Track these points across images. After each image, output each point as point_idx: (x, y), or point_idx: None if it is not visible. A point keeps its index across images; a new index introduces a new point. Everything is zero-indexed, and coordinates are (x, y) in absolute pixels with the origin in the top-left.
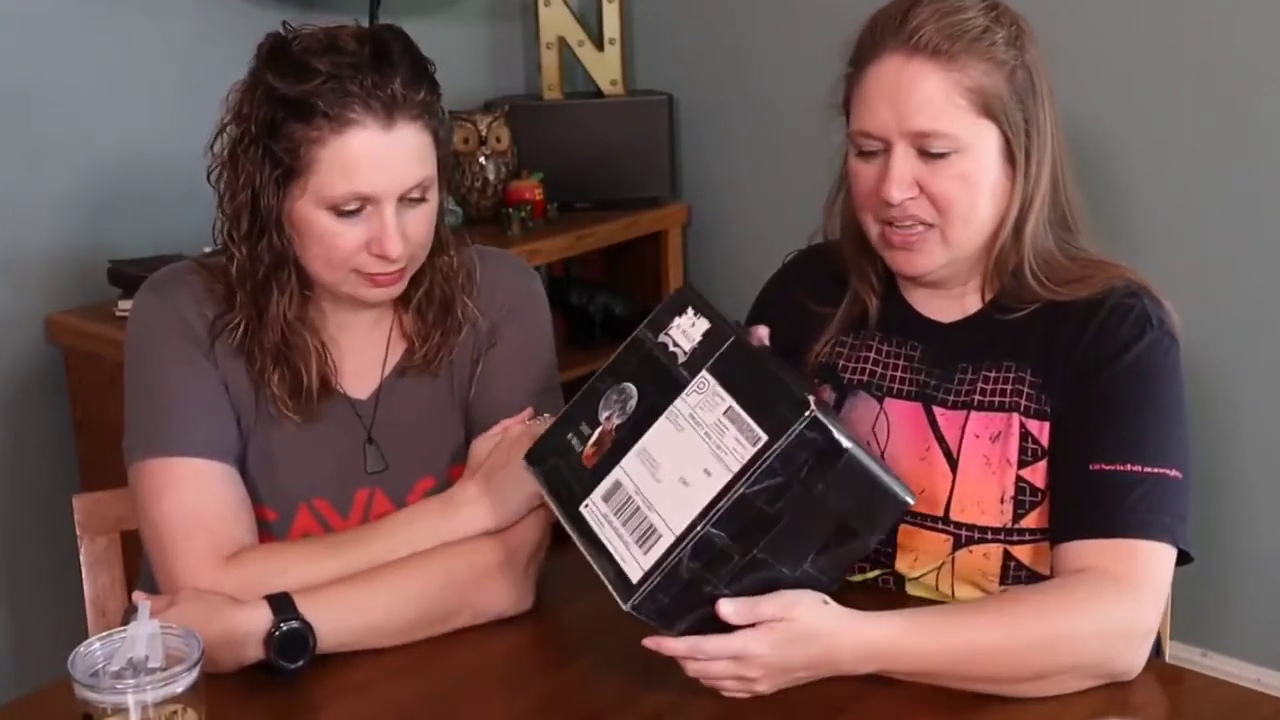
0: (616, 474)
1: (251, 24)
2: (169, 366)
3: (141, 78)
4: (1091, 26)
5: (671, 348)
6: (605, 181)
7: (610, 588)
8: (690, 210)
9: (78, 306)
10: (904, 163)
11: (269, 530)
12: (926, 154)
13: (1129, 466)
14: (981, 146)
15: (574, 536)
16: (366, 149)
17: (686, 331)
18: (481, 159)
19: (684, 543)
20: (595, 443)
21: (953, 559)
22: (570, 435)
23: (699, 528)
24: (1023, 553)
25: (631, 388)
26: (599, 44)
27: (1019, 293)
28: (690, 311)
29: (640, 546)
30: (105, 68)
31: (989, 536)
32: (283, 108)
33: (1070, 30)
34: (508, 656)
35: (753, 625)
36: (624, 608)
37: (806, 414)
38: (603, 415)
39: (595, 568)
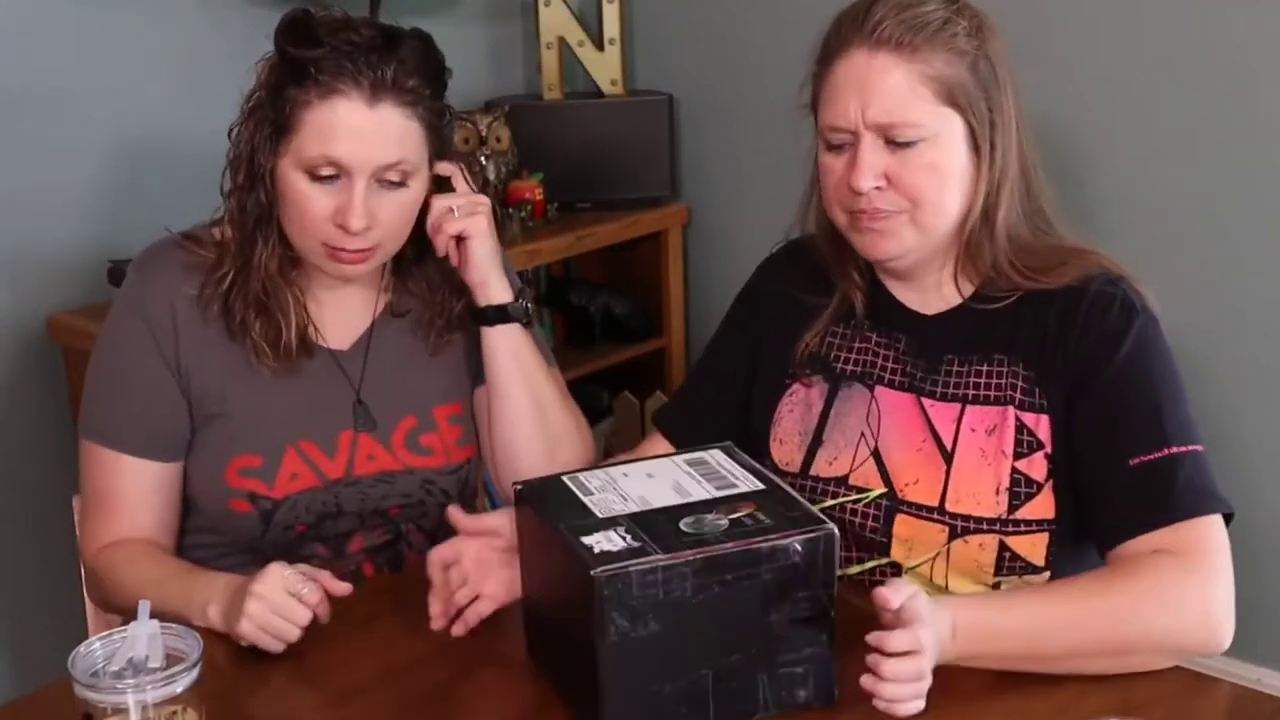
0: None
1: (251, 24)
2: (124, 356)
3: (141, 78)
4: (1087, 27)
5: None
6: (605, 181)
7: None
8: (690, 210)
9: (78, 306)
10: (872, 153)
11: (258, 475)
12: (894, 144)
13: (1167, 451)
14: (947, 135)
15: None
16: (346, 118)
17: None
18: (481, 159)
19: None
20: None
21: (948, 549)
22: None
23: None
24: (1018, 544)
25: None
26: (599, 44)
27: (997, 282)
28: None
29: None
30: (105, 68)
31: (984, 527)
32: (286, 70)
33: (1070, 31)
34: (508, 657)
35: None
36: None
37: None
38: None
39: None
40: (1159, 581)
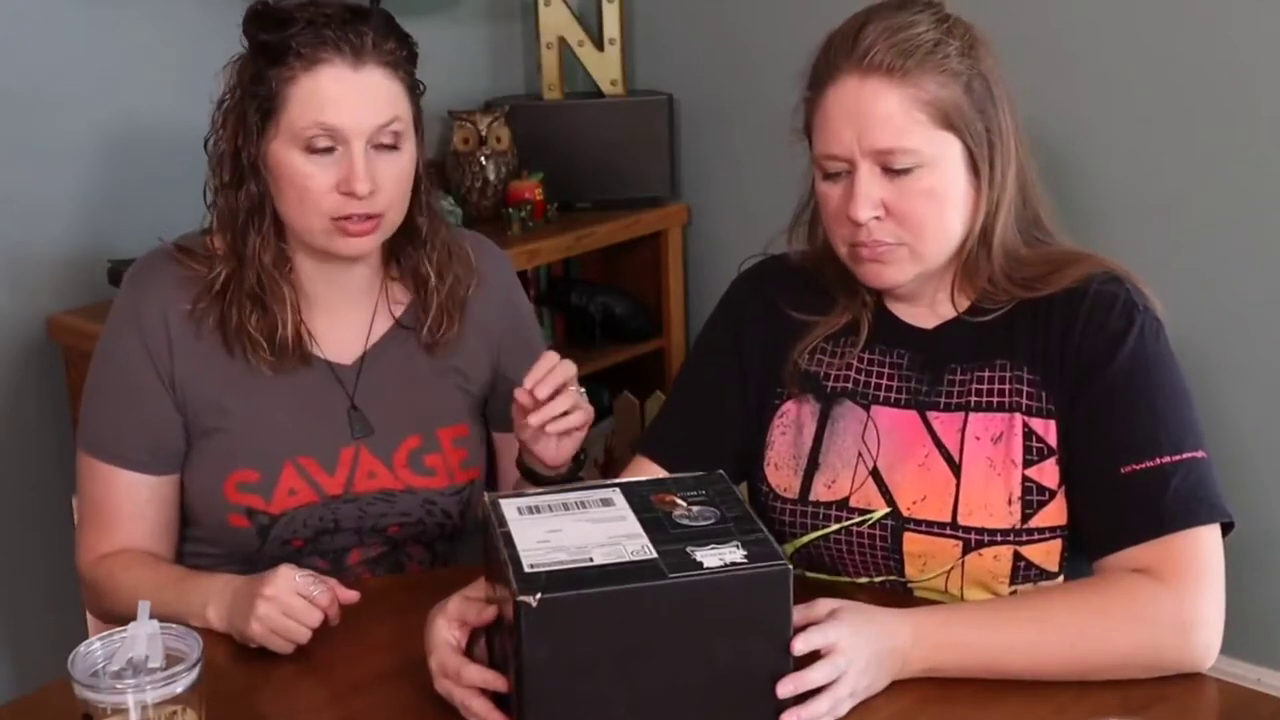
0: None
1: None
2: (118, 369)
3: (141, 78)
4: (1086, 27)
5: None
6: (605, 181)
7: None
8: (690, 210)
9: (78, 306)
10: (869, 182)
11: (255, 490)
12: (891, 171)
13: (1159, 460)
14: (945, 159)
15: None
16: (333, 84)
17: None
18: (481, 159)
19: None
20: None
21: (962, 563)
22: None
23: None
24: (1033, 553)
25: None
26: (599, 44)
27: (993, 295)
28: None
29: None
30: (105, 68)
31: (998, 539)
32: (263, 56)
33: (1069, 32)
34: None
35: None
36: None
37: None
38: None
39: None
40: (1131, 599)
